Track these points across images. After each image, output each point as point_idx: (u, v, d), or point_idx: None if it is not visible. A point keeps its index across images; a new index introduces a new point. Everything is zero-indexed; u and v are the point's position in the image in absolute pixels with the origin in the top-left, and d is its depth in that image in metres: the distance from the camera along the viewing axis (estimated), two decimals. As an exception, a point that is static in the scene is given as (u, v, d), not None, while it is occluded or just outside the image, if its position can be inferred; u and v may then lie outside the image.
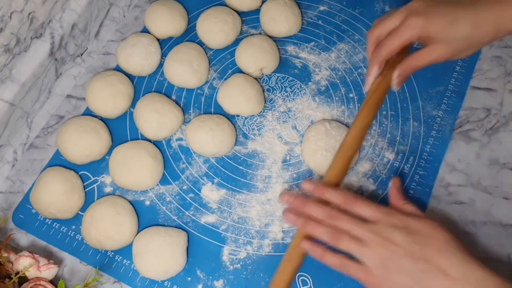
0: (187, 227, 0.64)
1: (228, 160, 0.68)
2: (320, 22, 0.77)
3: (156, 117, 0.68)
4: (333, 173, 0.55)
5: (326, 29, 0.76)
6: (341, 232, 0.51)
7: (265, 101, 0.72)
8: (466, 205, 0.64)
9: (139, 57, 0.72)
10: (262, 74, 0.73)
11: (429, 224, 0.51)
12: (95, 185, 0.67)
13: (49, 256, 0.62)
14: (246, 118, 0.71)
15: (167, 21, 0.75)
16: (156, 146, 0.68)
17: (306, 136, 0.67)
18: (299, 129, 0.70)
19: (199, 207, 0.65)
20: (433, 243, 0.49)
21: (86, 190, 0.67)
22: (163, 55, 0.75)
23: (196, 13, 0.78)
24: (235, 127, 0.70)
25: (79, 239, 0.64)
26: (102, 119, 0.70)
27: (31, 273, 0.56)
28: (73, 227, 0.65)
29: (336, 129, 0.67)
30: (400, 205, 0.56)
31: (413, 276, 0.48)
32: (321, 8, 0.78)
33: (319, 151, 0.65)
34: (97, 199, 0.66)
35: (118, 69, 0.74)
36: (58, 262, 0.62)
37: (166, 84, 0.73)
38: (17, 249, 0.63)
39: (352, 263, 0.50)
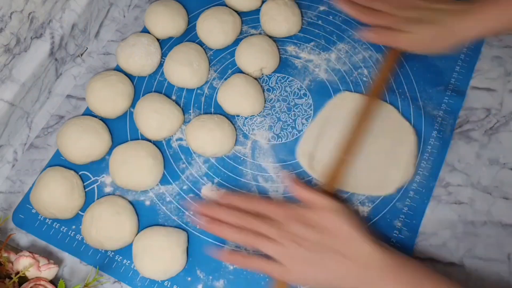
0: (187, 227, 0.64)
1: (228, 160, 0.68)
2: (320, 22, 0.77)
3: (156, 117, 0.68)
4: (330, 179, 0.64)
5: (326, 29, 0.76)
6: (255, 234, 0.57)
7: (265, 101, 0.72)
8: (466, 205, 0.64)
9: (139, 57, 0.72)
10: (262, 74, 0.73)
11: (329, 214, 0.56)
12: (95, 185, 0.67)
13: (49, 256, 0.62)
14: (246, 118, 0.71)
15: (167, 21, 0.75)
16: (156, 146, 0.68)
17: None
18: (299, 129, 0.70)
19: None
20: (338, 233, 0.55)
21: (86, 190, 0.67)
22: (163, 55, 0.75)
23: (196, 13, 0.78)
24: (235, 127, 0.70)
25: (79, 239, 0.64)
26: (102, 119, 0.70)
27: (31, 273, 0.56)
28: (73, 227, 0.65)
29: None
30: (305, 196, 0.59)
31: (321, 265, 0.54)
32: (321, 8, 0.78)
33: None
34: (97, 199, 0.66)
35: (118, 69, 0.74)
36: (58, 262, 0.62)
37: (166, 84, 0.73)
38: (17, 249, 0.63)
39: (267, 263, 0.56)
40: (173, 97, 0.73)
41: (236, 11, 0.77)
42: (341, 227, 0.55)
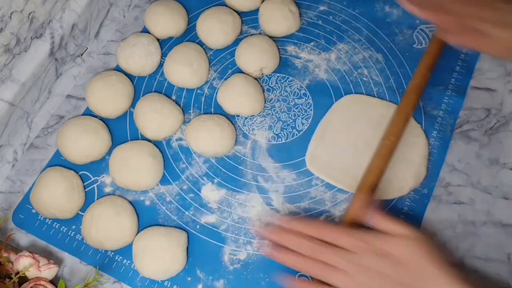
0: (187, 227, 0.64)
1: (228, 160, 0.68)
2: (320, 22, 0.77)
3: (156, 117, 0.68)
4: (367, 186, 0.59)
5: (326, 29, 0.76)
6: (323, 264, 0.52)
7: (265, 101, 0.72)
8: (466, 205, 0.64)
9: (139, 57, 0.72)
10: (262, 74, 0.73)
11: (410, 247, 0.51)
12: (95, 185, 0.67)
13: (49, 256, 0.62)
14: (246, 118, 0.71)
15: (167, 21, 0.75)
16: (156, 146, 0.68)
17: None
18: (299, 129, 0.70)
19: (199, 207, 0.65)
20: (415, 267, 0.50)
21: (86, 190, 0.67)
22: (163, 55, 0.75)
23: (196, 13, 0.78)
24: (235, 127, 0.70)
25: (79, 239, 0.64)
26: (102, 119, 0.70)
27: (31, 273, 0.56)
28: (73, 227, 0.65)
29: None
30: (386, 227, 0.54)
31: None
32: (321, 8, 0.78)
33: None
34: (97, 199, 0.66)
35: (118, 69, 0.74)
36: (58, 262, 0.62)
37: (166, 84, 0.73)
38: (17, 249, 0.63)
39: None
40: (173, 97, 0.73)
41: (236, 11, 0.77)
42: (419, 260, 0.50)
